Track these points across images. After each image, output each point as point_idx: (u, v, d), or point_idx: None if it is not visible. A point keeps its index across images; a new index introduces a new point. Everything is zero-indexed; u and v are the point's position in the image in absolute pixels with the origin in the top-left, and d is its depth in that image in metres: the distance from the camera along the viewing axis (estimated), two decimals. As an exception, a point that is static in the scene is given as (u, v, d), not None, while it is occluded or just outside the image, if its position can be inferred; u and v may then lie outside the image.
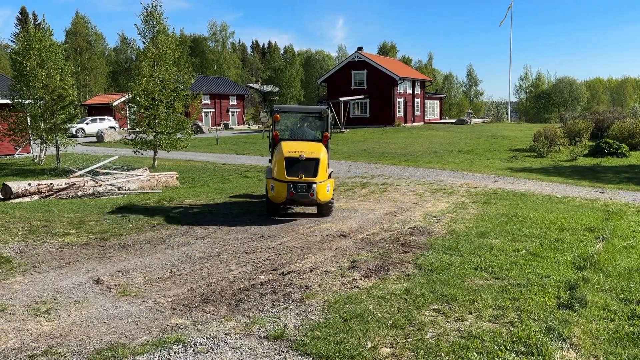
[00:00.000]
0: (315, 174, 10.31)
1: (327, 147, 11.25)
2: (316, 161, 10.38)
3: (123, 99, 33.94)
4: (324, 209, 11.07)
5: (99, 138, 37.56)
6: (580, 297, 5.98)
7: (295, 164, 10.34)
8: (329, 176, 10.86)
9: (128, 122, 24.99)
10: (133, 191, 15.15)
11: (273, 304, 5.96)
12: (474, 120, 56.60)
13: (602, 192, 15.24)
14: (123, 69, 76.22)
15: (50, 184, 14.30)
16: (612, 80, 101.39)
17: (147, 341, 4.97)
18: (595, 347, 4.85)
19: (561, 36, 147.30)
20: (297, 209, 11.88)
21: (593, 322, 5.40)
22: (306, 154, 10.39)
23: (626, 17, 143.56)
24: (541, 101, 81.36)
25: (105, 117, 47.22)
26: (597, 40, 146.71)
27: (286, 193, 10.28)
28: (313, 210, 11.50)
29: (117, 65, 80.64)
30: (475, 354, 4.66)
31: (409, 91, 51.77)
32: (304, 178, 10.24)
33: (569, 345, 4.83)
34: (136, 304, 5.97)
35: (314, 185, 10.22)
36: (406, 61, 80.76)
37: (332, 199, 11.02)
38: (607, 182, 17.25)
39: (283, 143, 10.94)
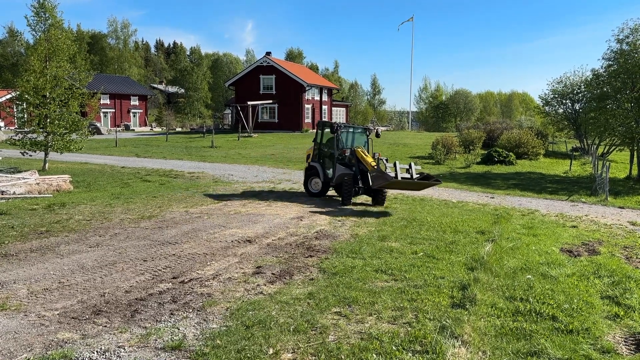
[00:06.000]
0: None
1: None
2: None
3: (9, 95, 31.10)
4: None
5: (-19, 137, 34.21)
6: (471, 296, 6.36)
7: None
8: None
9: (15, 121, 22.89)
10: (19, 196, 13.91)
11: (172, 314, 5.72)
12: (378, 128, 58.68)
13: (492, 198, 16.39)
14: (10, 64, 69.88)
15: None
16: (501, 93, 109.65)
17: (28, 359, 4.55)
18: (484, 343, 5.17)
19: (458, 51, 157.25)
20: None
21: (482, 319, 5.76)
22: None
23: (513, 38, 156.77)
24: (439, 111, 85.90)
25: (-11, 114, 43.08)
26: (489, 56, 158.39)
27: None
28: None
29: (3, 59, 73.78)
30: (375, 355, 4.77)
31: (317, 98, 52.56)
32: None
33: (460, 343, 5.10)
34: (17, 319, 5.45)
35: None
36: (313, 68, 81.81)
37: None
38: (497, 188, 18.60)
39: None
